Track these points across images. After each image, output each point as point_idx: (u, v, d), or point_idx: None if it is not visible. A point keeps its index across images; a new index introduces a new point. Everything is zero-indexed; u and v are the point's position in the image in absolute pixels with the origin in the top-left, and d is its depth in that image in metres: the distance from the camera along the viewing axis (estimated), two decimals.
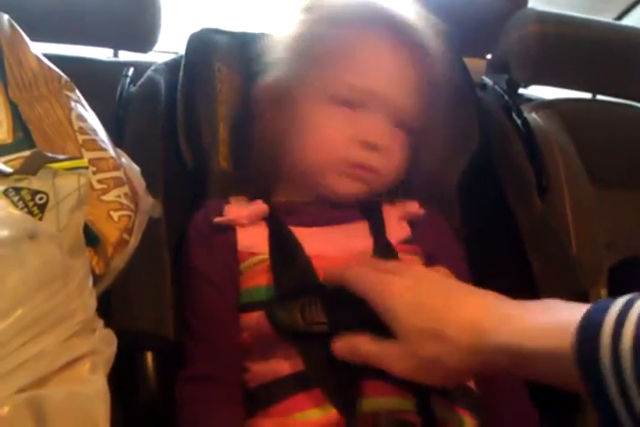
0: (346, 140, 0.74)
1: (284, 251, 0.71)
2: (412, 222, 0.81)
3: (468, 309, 0.54)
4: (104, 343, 0.58)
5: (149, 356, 0.67)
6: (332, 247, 0.73)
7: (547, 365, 0.49)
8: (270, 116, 0.78)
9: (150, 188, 0.74)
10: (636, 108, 1.18)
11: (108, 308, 0.63)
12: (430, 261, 0.76)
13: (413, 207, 0.81)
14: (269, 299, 0.68)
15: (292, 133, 0.77)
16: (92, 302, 0.59)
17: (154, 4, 0.99)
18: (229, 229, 0.75)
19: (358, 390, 0.61)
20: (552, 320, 0.49)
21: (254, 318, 0.69)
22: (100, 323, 0.59)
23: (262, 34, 0.83)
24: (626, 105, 1.19)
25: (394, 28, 0.74)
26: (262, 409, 0.65)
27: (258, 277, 0.71)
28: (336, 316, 0.62)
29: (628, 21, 1.76)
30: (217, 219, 0.75)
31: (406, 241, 0.78)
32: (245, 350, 0.70)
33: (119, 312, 0.66)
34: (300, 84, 0.76)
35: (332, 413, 0.61)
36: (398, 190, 0.82)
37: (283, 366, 0.65)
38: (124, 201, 0.69)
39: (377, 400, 0.62)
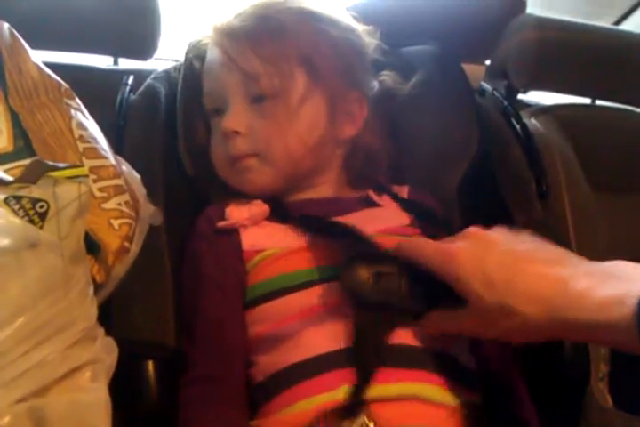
0: (218, 144, 0.82)
1: (330, 230, 0.72)
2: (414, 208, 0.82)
3: (537, 283, 0.56)
4: (105, 352, 0.58)
5: (150, 364, 0.67)
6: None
7: (614, 335, 0.51)
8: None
9: (151, 195, 0.74)
10: (635, 113, 1.18)
11: (109, 316, 0.63)
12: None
13: (404, 192, 0.84)
14: (286, 284, 0.70)
15: None
16: (93, 311, 0.59)
17: (154, 11, 1.00)
18: (233, 232, 0.77)
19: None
20: (617, 293, 0.51)
21: (262, 311, 0.71)
22: (101, 331, 0.59)
23: None
24: (625, 110, 1.19)
25: (216, 38, 0.81)
26: (269, 401, 0.66)
27: (266, 271, 0.73)
28: (415, 289, 0.63)
29: (627, 26, 1.77)
30: (220, 223, 0.77)
31: (407, 226, 0.80)
32: (252, 345, 0.71)
33: (120, 321, 0.66)
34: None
35: (339, 397, 0.62)
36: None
37: (292, 353, 0.67)
38: (125, 209, 0.69)
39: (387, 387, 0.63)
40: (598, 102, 1.25)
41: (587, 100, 1.25)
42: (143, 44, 1.00)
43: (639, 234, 1.11)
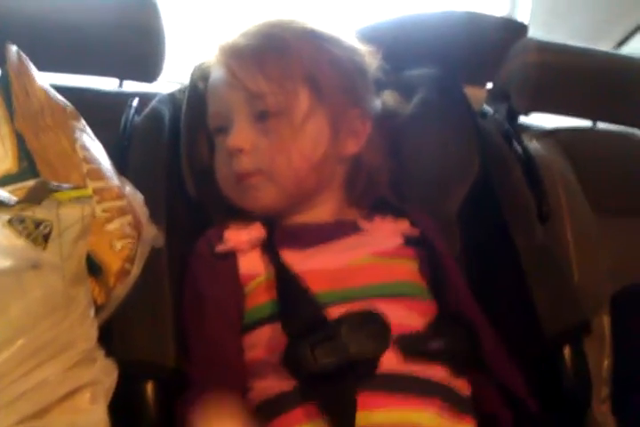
0: (222, 162, 0.82)
1: (286, 289, 0.73)
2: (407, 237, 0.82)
3: None
4: (105, 373, 0.59)
5: (150, 385, 0.67)
6: (326, 264, 0.75)
7: None
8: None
9: (153, 216, 0.75)
10: (636, 136, 1.18)
11: (109, 337, 0.63)
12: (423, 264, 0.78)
13: (404, 225, 0.83)
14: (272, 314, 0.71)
15: None
16: (94, 332, 0.59)
17: (158, 34, 1.01)
18: (231, 255, 0.77)
19: (356, 404, 0.62)
20: None
21: (255, 336, 0.71)
22: (101, 353, 0.60)
23: None
24: (625, 133, 1.19)
25: (221, 58, 0.82)
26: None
27: (259, 297, 0.74)
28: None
29: (628, 49, 1.78)
30: (218, 247, 0.78)
31: (399, 247, 0.80)
32: (250, 369, 0.71)
33: (120, 342, 0.66)
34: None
35: None
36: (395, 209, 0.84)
37: (283, 381, 0.67)
38: (127, 230, 0.70)
39: (376, 413, 0.63)
40: (600, 125, 1.25)
41: (588, 123, 1.26)
42: (148, 66, 1.02)
43: None
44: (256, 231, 0.79)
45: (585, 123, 1.25)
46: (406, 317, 0.72)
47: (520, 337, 0.77)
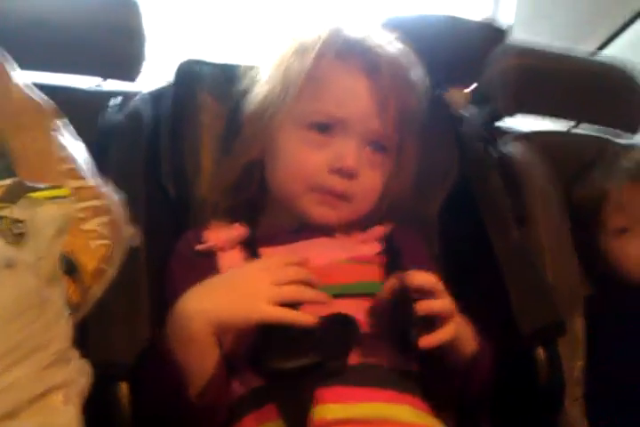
0: (319, 166, 0.77)
1: None
2: (386, 240, 0.83)
3: None
4: (79, 374, 0.58)
5: (124, 387, 0.66)
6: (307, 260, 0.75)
7: None
8: (252, 143, 0.82)
9: (132, 216, 0.75)
10: (610, 140, 1.20)
11: (84, 338, 0.63)
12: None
13: (379, 230, 0.84)
14: None
15: (272, 161, 0.81)
16: (68, 332, 0.59)
17: (139, 33, 1.00)
18: (210, 254, 0.78)
19: (313, 399, 0.63)
20: None
21: (230, 335, 0.70)
22: (76, 353, 0.59)
23: (246, 66, 0.86)
24: (600, 137, 1.21)
25: (368, 59, 0.78)
26: (239, 421, 0.67)
27: None
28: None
29: (611, 49, 1.79)
30: (198, 246, 0.78)
31: (374, 254, 0.81)
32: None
33: (95, 342, 0.66)
34: (279, 113, 0.79)
35: None
36: (378, 217, 0.84)
37: (242, 384, 0.68)
38: (104, 230, 0.70)
39: (333, 407, 0.63)
40: (575, 129, 1.26)
41: (568, 124, 1.27)
42: (130, 65, 1.01)
43: None
44: (236, 231, 0.80)
45: (564, 125, 1.26)
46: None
47: (495, 337, 0.77)
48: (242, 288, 0.66)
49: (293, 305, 0.65)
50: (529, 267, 0.89)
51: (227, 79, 0.89)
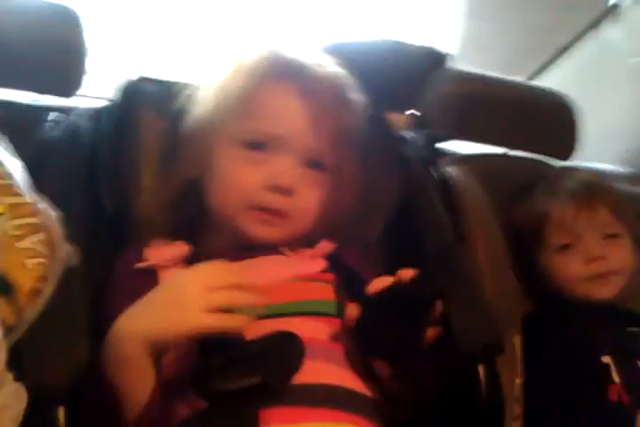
0: (256, 184, 0.78)
1: None
2: (329, 258, 0.83)
3: None
4: (13, 398, 0.56)
5: (61, 412, 0.64)
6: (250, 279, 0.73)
7: None
8: (191, 162, 0.82)
9: (69, 234, 0.72)
10: (545, 164, 1.24)
11: (18, 360, 0.61)
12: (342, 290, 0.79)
13: (325, 246, 0.84)
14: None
15: (210, 180, 0.81)
16: (2, 355, 0.56)
17: (79, 48, 0.99)
18: (152, 273, 0.76)
19: (258, 420, 0.61)
20: None
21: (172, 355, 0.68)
22: (10, 377, 0.57)
23: (187, 84, 0.87)
24: (535, 160, 1.25)
25: (302, 79, 0.80)
26: None
27: None
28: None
29: (540, 82, 1.87)
30: (138, 265, 0.77)
31: (320, 272, 0.80)
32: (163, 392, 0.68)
33: (31, 365, 0.64)
34: (216, 132, 0.80)
35: None
36: (320, 236, 0.84)
37: (187, 406, 0.65)
38: (40, 248, 0.67)
39: None
40: (513, 152, 1.30)
41: (502, 150, 1.31)
42: (67, 80, 0.99)
43: None
44: (178, 249, 0.78)
45: (500, 150, 1.30)
46: (323, 333, 0.72)
47: (435, 355, 0.78)
48: (172, 300, 0.64)
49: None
50: (468, 286, 0.91)
51: (170, 97, 0.89)
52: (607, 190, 1.05)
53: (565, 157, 1.26)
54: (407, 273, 0.66)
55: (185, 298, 0.63)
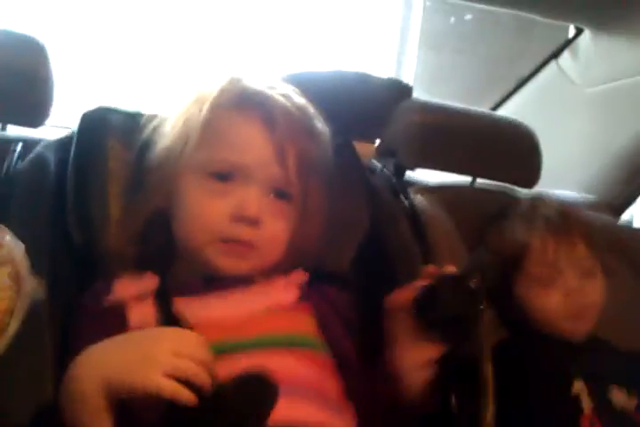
0: (221, 216, 0.77)
1: None
2: (302, 288, 0.83)
3: None
4: None
5: None
6: (221, 313, 0.75)
7: None
8: (157, 192, 0.81)
9: (35, 267, 0.71)
10: (508, 193, 1.26)
11: None
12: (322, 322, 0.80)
13: (298, 279, 0.83)
14: None
15: (176, 211, 0.80)
16: None
17: (46, 79, 0.98)
18: (119, 308, 0.75)
19: None
20: None
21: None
22: None
23: (151, 114, 0.87)
24: (503, 190, 1.27)
25: (265, 109, 0.79)
26: None
27: None
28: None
29: (503, 111, 1.92)
30: (106, 300, 0.75)
31: (294, 302, 0.81)
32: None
33: None
34: (180, 163, 0.79)
35: None
36: (290, 265, 0.84)
37: None
38: (6, 281, 0.66)
39: None
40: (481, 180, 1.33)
41: (468, 178, 1.33)
42: (34, 111, 0.98)
43: None
44: (147, 282, 0.77)
45: (466, 178, 1.32)
46: (298, 367, 0.72)
47: None
48: (139, 353, 0.62)
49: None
50: None
51: (135, 127, 0.88)
52: (582, 223, 1.06)
53: (530, 184, 1.29)
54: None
55: (151, 357, 0.62)
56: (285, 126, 0.79)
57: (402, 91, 1.16)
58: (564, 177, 1.64)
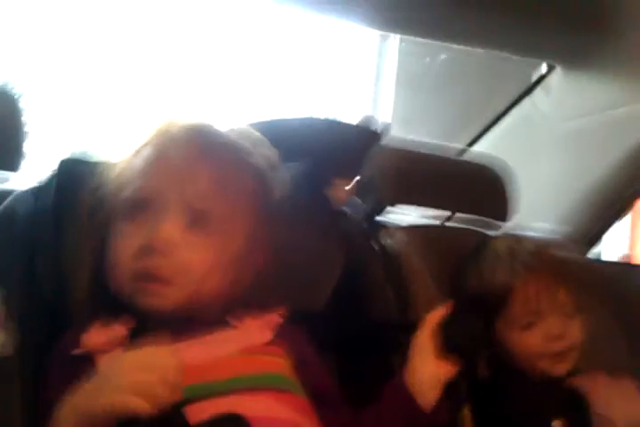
0: (132, 250, 0.76)
1: None
2: (276, 329, 0.82)
3: None
4: None
5: None
6: (192, 356, 0.72)
7: None
8: (97, 241, 0.82)
9: (2, 320, 0.71)
10: (480, 232, 1.27)
11: None
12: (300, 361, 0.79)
13: (272, 320, 0.82)
14: None
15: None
16: None
17: (17, 129, 0.99)
18: (89, 359, 0.73)
19: None
20: None
21: None
22: None
23: (108, 163, 0.86)
24: (471, 230, 1.29)
25: (183, 139, 0.80)
26: None
27: None
28: None
29: (478, 146, 1.95)
30: (75, 351, 0.74)
31: (267, 344, 0.79)
32: None
33: None
34: (113, 206, 0.80)
35: None
36: (262, 303, 0.83)
37: None
38: None
39: None
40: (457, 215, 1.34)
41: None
42: (6, 162, 0.99)
43: None
44: (118, 330, 0.76)
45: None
46: (273, 409, 0.71)
47: None
48: (104, 378, 0.63)
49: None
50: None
51: (99, 177, 0.88)
52: (558, 262, 1.06)
53: (504, 218, 1.30)
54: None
55: (111, 377, 0.62)
56: (198, 145, 0.80)
57: (373, 136, 1.18)
58: (541, 210, 1.66)
